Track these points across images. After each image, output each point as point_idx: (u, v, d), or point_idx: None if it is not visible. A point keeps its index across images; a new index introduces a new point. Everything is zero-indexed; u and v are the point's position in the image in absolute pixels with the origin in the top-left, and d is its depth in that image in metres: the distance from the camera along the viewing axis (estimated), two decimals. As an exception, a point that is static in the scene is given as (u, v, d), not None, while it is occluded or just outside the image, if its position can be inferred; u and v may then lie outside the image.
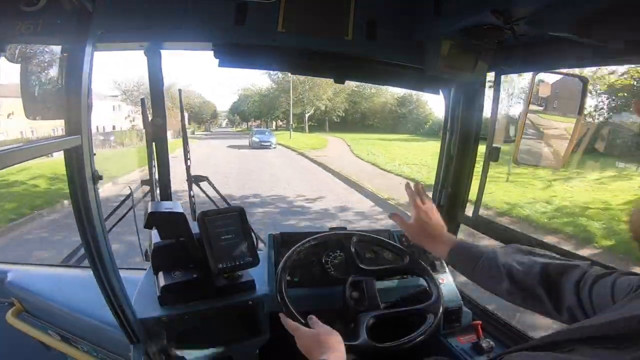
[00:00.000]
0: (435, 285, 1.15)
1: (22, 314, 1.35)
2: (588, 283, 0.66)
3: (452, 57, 1.08)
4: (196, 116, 49.26)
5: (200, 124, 52.01)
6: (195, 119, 49.77)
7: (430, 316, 1.07)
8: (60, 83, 0.76)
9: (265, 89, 36.68)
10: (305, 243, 1.18)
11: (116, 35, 0.99)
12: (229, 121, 64.65)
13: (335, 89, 28.50)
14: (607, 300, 0.61)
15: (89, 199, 0.77)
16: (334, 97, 30.57)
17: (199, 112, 49.17)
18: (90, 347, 1.23)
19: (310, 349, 0.83)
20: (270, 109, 36.24)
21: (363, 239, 1.26)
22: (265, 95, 36.26)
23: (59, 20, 0.74)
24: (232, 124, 63.25)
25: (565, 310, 0.69)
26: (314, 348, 0.82)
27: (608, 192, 7.31)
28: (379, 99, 33.48)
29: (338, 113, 32.47)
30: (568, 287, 0.69)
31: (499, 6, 0.81)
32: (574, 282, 0.68)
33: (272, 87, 34.56)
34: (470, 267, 0.86)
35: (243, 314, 1.15)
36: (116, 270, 0.90)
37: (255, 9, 1.06)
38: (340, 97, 31.04)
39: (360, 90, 32.47)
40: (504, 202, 6.87)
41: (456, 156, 1.42)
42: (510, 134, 1.28)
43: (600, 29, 0.71)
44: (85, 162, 0.76)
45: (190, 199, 1.54)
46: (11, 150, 0.56)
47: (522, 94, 6.30)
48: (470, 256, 0.87)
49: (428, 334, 1.03)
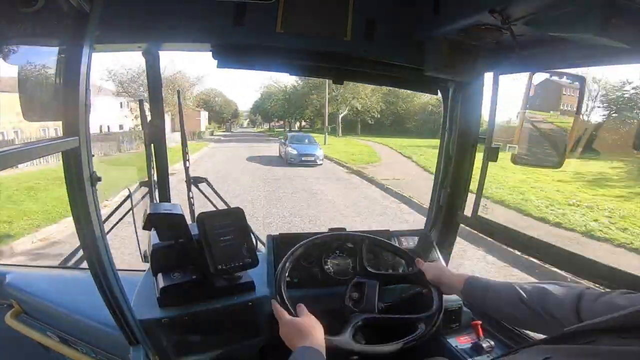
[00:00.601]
0: (438, 298, 1.09)
1: (21, 316, 1.35)
2: (589, 302, 0.70)
3: (450, 57, 1.08)
4: (217, 115, 47.50)
5: (220, 123, 50.16)
6: (215, 119, 47.98)
7: (421, 325, 1.03)
8: (58, 84, 0.75)
9: (290, 85, 33.01)
10: (305, 244, 1.18)
11: (114, 36, 0.99)
12: (250, 121, 62.67)
13: (374, 87, 23.50)
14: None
15: (87, 201, 0.77)
16: (371, 95, 26.86)
17: (219, 111, 47.31)
18: (89, 349, 1.23)
19: (291, 336, 0.85)
20: (297, 108, 32.88)
21: (364, 240, 1.26)
22: (292, 93, 32.69)
23: (56, 21, 0.74)
24: (254, 124, 61.24)
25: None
26: (295, 335, 0.85)
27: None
28: (419, 100, 28.79)
29: (373, 114, 28.00)
30: (570, 307, 0.72)
31: (497, 6, 0.81)
32: (575, 303, 0.72)
33: (299, 84, 30.78)
34: (484, 294, 0.93)
35: (242, 315, 1.15)
36: (115, 271, 0.89)
37: (254, 9, 1.06)
38: (376, 96, 27.15)
39: (396, 90, 24.67)
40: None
41: (455, 156, 1.42)
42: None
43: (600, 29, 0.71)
44: (84, 163, 0.75)
45: (189, 200, 1.53)
46: (9, 151, 0.56)
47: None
48: (484, 283, 0.96)
49: (414, 341, 1.00)
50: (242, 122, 64.12)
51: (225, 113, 48.91)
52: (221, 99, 48.24)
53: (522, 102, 1.17)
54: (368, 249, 1.23)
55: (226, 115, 49.67)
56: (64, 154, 0.73)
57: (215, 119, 47.57)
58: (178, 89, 1.64)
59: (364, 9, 1.11)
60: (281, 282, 1.06)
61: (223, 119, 49.81)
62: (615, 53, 0.86)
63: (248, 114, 60.69)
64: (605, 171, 9.84)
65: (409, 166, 12.42)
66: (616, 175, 9.67)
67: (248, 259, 1.13)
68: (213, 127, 44.51)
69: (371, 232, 1.34)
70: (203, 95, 39.56)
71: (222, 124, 50.35)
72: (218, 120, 48.60)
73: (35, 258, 4.37)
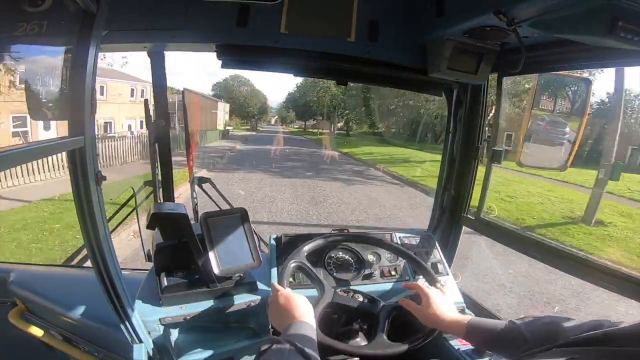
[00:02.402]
0: (422, 338, 1.02)
1: (25, 314, 1.36)
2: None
3: (454, 59, 1.08)
4: (241, 108, 37.17)
5: (244, 119, 39.70)
6: (239, 112, 37.66)
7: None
8: (64, 84, 0.76)
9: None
10: (307, 244, 1.18)
11: (120, 37, 1.00)
12: (280, 118, 53.35)
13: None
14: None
15: (92, 200, 0.77)
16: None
17: (244, 103, 36.93)
18: (91, 348, 1.23)
19: (288, 308, 0.86)
20: (354, 106, 24.25)
21: (365, 241, 1.26)
22: (354, 86, 23.29)
23: (62, 21, 0.74)
24: (283, 122, 51.91)
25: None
26: (294, 308, 0.85)
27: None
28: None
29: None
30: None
31: (503, 8, 0.80)
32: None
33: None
34: (491, 334, 0.87)
35: (245, 316, 1.15)
36: (118, 270, 0.90)
37: (258, 10, 1.06)
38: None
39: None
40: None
41: (459, 158, 1.42)
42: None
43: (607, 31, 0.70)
44: (89, 163, 0.76)
45: (192, 200, 1.54)
46: (14, 151, 0.56)
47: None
48: (490, 324, 0.89)
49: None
50: (270, 119, 54.83)
51: (251, 106, 38.45)
52: (248, 89, 38.02)
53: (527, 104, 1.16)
54: (370, 250, 1.22)
55: (252, 109, 38.97)
56: (69, 154, 0.74)
57: (239, 112, 37.52)
58: (183, 89, 1.64)
59: (367, 10, 1.11)
60: (283, 282, 1.05)
61: (248, 113, 39.29)
62: (621, 55, 0.85)
63: (278, 109, 51.60)
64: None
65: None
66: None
67: (251, 259, 1.13)
68: (235, 122, 35.47)
69: (372, 232, 1.33)
70: (225, 83, 31.79)
71: (246, 119, 40.05)
72: (242, 115, 38.52)
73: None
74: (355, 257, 1.32)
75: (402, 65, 1.22)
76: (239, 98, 36.12)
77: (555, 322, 0.76)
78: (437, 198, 1.55)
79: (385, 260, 1.34)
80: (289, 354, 0.66)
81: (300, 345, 0.68)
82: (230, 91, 35.54)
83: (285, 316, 0.85)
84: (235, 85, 35.21)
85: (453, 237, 1.51)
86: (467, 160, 1.41)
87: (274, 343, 0.68)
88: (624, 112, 7.34)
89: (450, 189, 1.46)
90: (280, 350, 0.67)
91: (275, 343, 0.68)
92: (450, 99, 1.41)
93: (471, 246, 4.38)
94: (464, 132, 1.39)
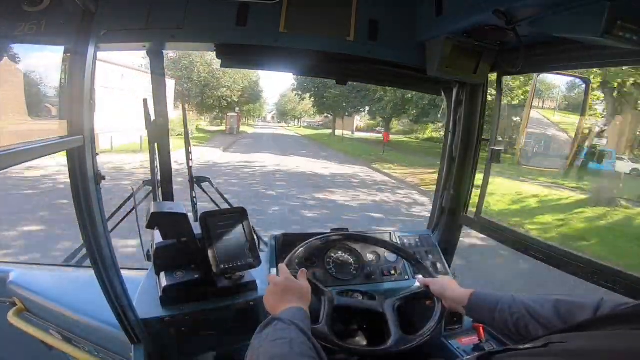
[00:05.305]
0: (440, 313, 1.03)
1: (24, 314, 1.36)
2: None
3: (454, 58, 1.08)
4: (205, 91, 23.91)
5: (210, 110, 26.78)
6: (201, 99, 24.18)
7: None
8: (63, 83, 0.76)
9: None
10: (307, 243, 1.17)
11: (119, 36, 0.99)
12: (278, 113, 48.82)
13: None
14: None
15: (91, 200, 0.77)
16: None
17: (212, 81, 23.99)
18: (91, 347, 1.23)
19: (288, 292, 0.83)
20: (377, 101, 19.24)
21: (365, 240, 1.26)
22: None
23: (61, 20, 0.74)
24: (281, 118, 48.74)
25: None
26: (294, 293, 0.82)
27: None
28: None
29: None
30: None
31: (502, 7, 0.80)
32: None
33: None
34: (491, 308, 0.87)
35: (244, 315, 1.14)
36: (118, 270, 0.90)
37: (257, 10, 1.06)
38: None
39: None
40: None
41: (458, 158, 1.42)
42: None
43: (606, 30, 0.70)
44: (88, 162, 0.76)
45: (192, 200, 1.53)
46: (13, 150, 0.56)
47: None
48: (490, 299, 0.90)
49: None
50: (265, 114, 49.36)
51: (227, 88, 24.52)
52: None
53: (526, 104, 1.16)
54: (370, 250, 1.22)
55: (230, 95, 24.88)
56: (68, 153, 0.74)
57: (202, 99, 24.03)
58: (184, 105, 1.63)
59: (367, 9, 1.11)
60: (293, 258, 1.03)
61: (220, 102, 25.12)
62: (620, 54, 0.86)
63: (274, 106, 47.06)
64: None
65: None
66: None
67: (251, 258, 1.13)
68: (200, 118, 22.40)
69: (373, 232, 1.33)
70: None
71: (219, 112, 26.81)
72: (208, 105, 25.05)
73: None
74: (355, 257, 1.32)
75: (401, 64, 1.22)
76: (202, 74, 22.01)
77: (562, 300, 0.76)
78: (437, 198, 1.55)
79: (385, 260, 1.34)
80: (289, 330, 0.66)
81: (297, 322, 0.68)
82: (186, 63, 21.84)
83: (279, 301, 0.82)
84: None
85: (452, 237, 1.51)
86: (467, 159, 1.41)
87: (271, 322, 0.68)
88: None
89: (450, 188, 1.46)
90: (278, 327, 0.67)
91: (275, 321, 0.68)
92: (450, 98, 1.41)
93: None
94: (463, 132, 1.39)
